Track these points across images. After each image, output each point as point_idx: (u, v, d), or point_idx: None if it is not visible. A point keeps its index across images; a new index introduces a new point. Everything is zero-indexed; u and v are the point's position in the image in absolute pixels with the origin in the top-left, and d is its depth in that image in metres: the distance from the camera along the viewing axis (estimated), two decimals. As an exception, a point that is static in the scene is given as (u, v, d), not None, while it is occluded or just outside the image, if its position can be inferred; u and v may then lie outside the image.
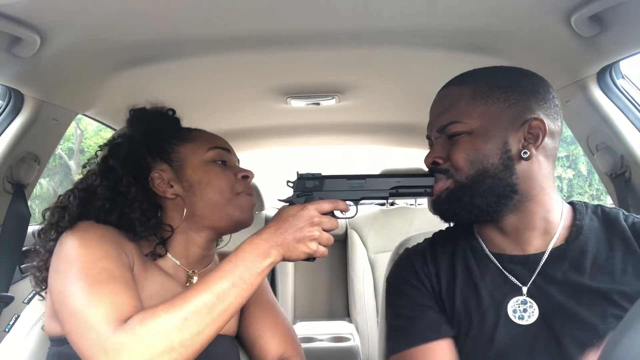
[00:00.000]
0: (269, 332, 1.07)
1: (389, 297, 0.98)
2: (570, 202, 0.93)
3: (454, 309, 0.88)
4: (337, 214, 0.89)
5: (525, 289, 0.85)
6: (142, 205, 0.95)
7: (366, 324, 2.59)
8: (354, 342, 2.33)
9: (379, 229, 2.74)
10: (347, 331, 2.46)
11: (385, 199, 0.92)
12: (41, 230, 0.96)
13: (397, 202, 2.90)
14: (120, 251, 0.88)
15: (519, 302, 0.84)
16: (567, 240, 0.86)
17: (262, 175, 2.51)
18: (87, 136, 10.42)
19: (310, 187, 0.90)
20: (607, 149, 1.35)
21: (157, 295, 0.92)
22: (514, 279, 0.86)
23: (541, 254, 0.86)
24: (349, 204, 0.90)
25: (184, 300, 0.76)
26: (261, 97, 1.76)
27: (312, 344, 2.28)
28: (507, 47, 1.24)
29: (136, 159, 0.98)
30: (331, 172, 0.92)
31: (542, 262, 0.85)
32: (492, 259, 0.89)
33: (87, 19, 1.03)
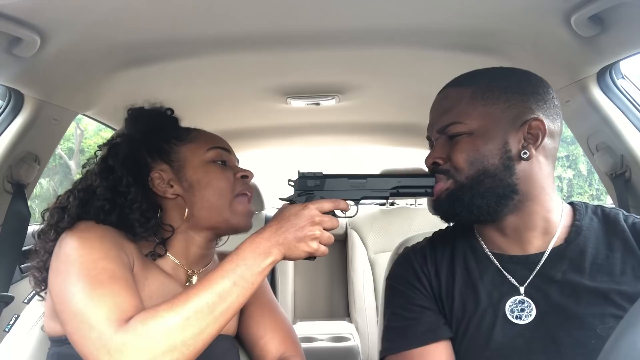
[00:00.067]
0: (269, 332, 1.07)
1: (388, 297, 0.98)
2: (570, 202, 0.93)
3: (453, 308, 0.88)
4: (337, 213, 0.89)
5: (522, 288, 0.85)
6: (142, 205, 0.95)
7: (366, 324, 2.59)
8: (354, 342, 2.32)
9: (379, 229, 2.74)
10: (347, 331, 2.45)
11: (385, 198, 0.92)
12: (41, 231, 0.96)
13: (397, 202, 2.90)
14: (120, 251, 0.88)
15: (517, 301, 0.84)
16: (566, 240, 0.87)
17: (262, 175, 2.52)
18: (87, 136, 10.43)
19: (311, 186, 0.90)
20: (607, 149, 1.35)
21: (157, 295, 0.92)
22: (512, 279, 0.86)
23: (541, 254, 0.86)
24: (349, 203, 0.90)
25: (186, 299, 0.76)
26: (261, 97, 1.76)
27: (312, 344, 2.28)
28: (507, 47, 1.24)
29: (136, 159, 0.98)
30: (332, 172, 0.92)
31: (542, 262, 0.85)
32: (492, 259, 0.89)
33: (87, 19, 1.03)
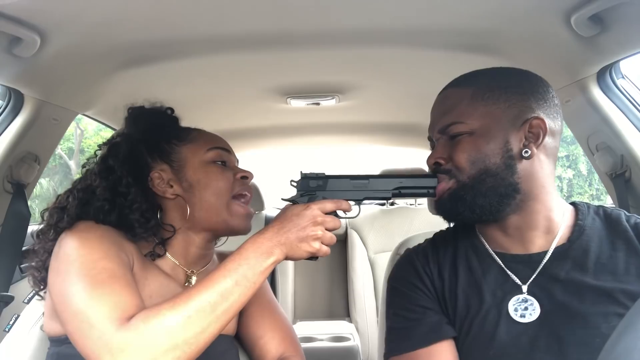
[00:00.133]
0: (269, 331, 1.07)
1: (390, 298, 0.97)
2: (572, 202, 0.93)
3: (456, 307, 0.88)
4: (339, 213, 0.89)
5: (525, 287, 0.85)
6: (142, 206, 0.95)
7: (366, 324, 2.59)
8: (354, 342, 2.32)
9: (379, 229, 2.74)
10: (347, 331, 2.45)
11: (388, 199, 0.92)
12: (40, 230, 0.96)
13: (397, 202, 2.89)
14: (120, 251, 0.88)
15: (520, 300, 0.84)
16: (569, 239, 0.87)
17: (262, 175, 2.52)
18: (87, 136, 10.43)
19: (313, 186, 0.90)
20: (607, 149, 1.35)
21: (157, 295, 0.92)
22: (515, 278, 0.86)
23: (544, 253, 0.86)
24: (351, 203, 0.90)
25: (188, 298, 0.76)
26: (261, 97, 1.76)
27: (312, 344, 2.28)
28: (507, 47, 1.24)
29: (136, 158, 0.98)
30: (333, 172, 0.92)
31: (545, 261, 0.86)
32: (495, 258, 0.89)
33: (87, 19, 1.03)
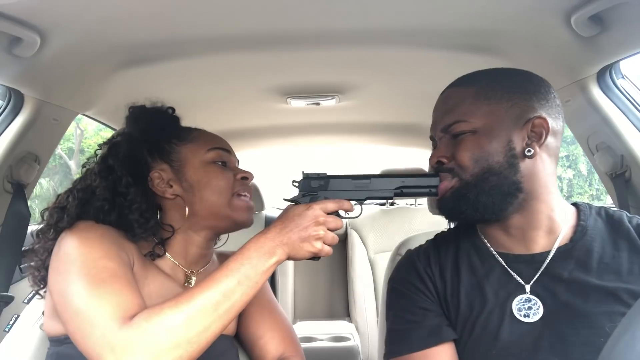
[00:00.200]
0: (269, 332, 1.07)
1: (391, 299, 0.97)
2: (573, 203, 0.93)
3: (459, 308, 0.88)
4: (341, 213, 0.89)
5: (528, 287, 0.85)
6: (141, 206, 0.95)
7: (366, 324, 2.59)
8: (354, 342, 2.32)
9: (379, 229, 2.74)
10: (347, 331, 2.45)
11: (390, 199, 0.92)
12: (40, 230, 0.96)
13: (397, 202, 2.90)
14: (120, 250, 0.88)
15: (523, 300, 0.85)
16: (572, 239, 0.87)
17: (262, 175, 2.52)
18: (87, 136, 10.42)
19: (315, 186, 0.90)
20: (607, 149, 1.35)
21: (156, 295, 0.92)
22: (518, 278, 0.87)
23: (547, 253, 0.86)
24: (353, 203, 0.90)
25: (190, 297, 0.76)
26: (261, 97, 1.76)
27: (312, 344, 2.28)
28: (507, 47, 1.24)
29: (136, 158, 0.98)
30: (334, 172, 0.92)
31: (548, 261, 0.86)
32: (498, 258, 0.89)
33: (87, 19, 1.03)
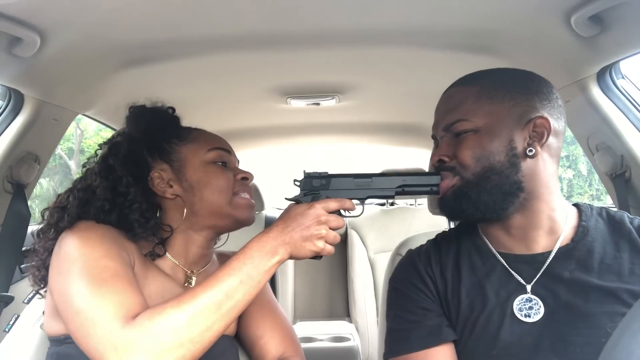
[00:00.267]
0: (269, 332, 1.07)
1: (391, 299, 0.97)
2: (574, 204, 0.93)
3: (459, 308, 0.88)
4: (343, 212, 0.89)
5: (529, 287, 0.85)
6: (142, 206, 0.95)
7: (366, 324, 2.59)
8: (354, 342, 2.32)
9: (379, 229, 2.74)
10: (347, 331, 2.45)
11: (391, 197, 0.92)
12: (40, 230, 0.96)
13: (397, 202, 2.90)
14: (121, 250, 0.88)
15: (524, 300, 0.85)
16: (573, 240, 0.87)
17: (262, 175, 2.51)
18: (87, 136, 10.41)
19: (317, 185, 0.90)
20: (607, 149, 1.35)
21: (156, 295, 0.92)
22: (519, 278, 0.87)
23: (548, 253, 0.86)
24: (354, 202, 0.90)
25: (193, 296, 0.76)
26: (261, 97, 1.76)
27: (312, 344, 2.28)
28: (507, 47, 1.24)
29: (136, 158, 0.98)
30: (337, 172, 0.92)
31: (549, 261, 0.86)
32: (499, 258, 0.89)
33: (87, 19, 1.03)
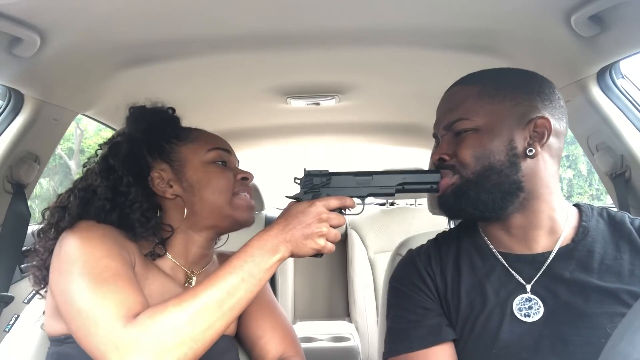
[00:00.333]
0: (269, 331, 1.07)
1: (391, 298, 0.97)
2: (575, 204, 0.93)
3: (459, 307, 0.88)
4: (343, 210, 0.89)
5: (529, 286, 0.85)
6: (142, 205, 0.95)
7: (366, 324, 2.59)
8: (354, 342, 2.32)
9: (379, 229, 2.74)
10: (347, 331, 2.45)
11: (391, 195, 0.92)
12: (41, 229, 0.96)
13: (397, 202, 2.90)
14: (122, 250, 0.88)
15: (524, 299, 0.85)
16: (573, 240, 0.87)
17: (262, 175, 2.51)
18: (87, 136, 10.42)
19: (317, 183, 0.90)
20: (607, 149, 1.35)
21: (157, 295, 0.92)
22: (519, 278, 0.87)
23: (548, 253, 0.86)
24: (355, 200, 0.90)
25: (194, 295, 0.76)
26: (261, 97, 1.76)
27: (312, 344, 2.28)
28: (507, 47, 1.24)
29: (136, 158, 0.98)
30: (337, 169, 0.92)
31: (549, 261, 0.86)
32: (499, 258, 0.89)
33: (87, 19, 1.03)
